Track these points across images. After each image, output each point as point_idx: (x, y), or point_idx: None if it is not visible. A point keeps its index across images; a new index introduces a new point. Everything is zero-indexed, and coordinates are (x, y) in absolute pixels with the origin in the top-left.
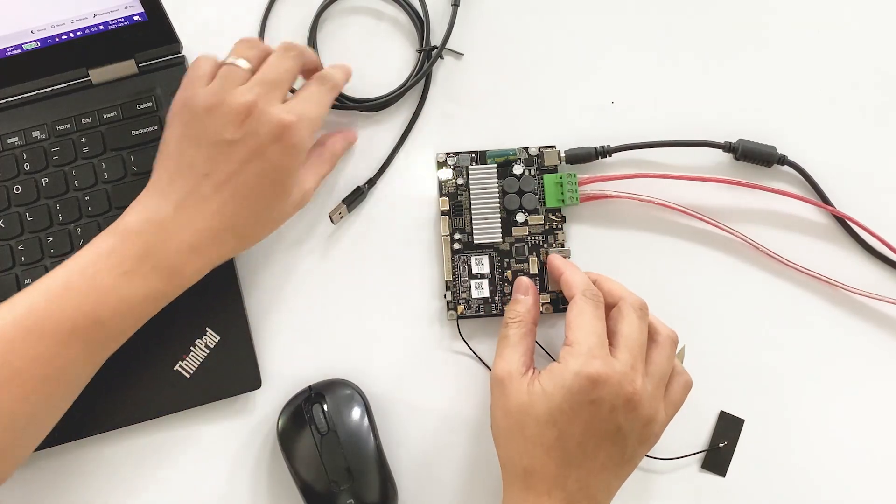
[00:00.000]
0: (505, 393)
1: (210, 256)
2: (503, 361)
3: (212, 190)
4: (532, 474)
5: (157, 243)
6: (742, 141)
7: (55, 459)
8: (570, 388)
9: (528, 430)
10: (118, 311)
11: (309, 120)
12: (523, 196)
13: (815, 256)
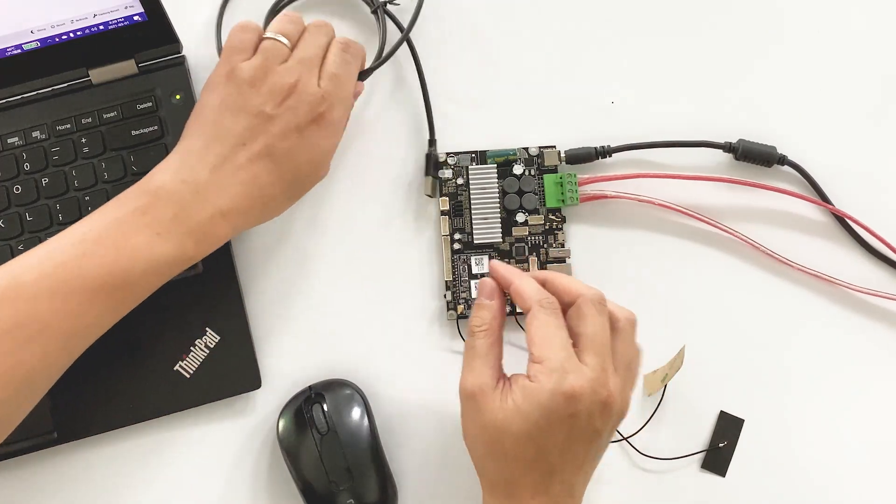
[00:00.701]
0: (478, 408)
1: (236, 225)
2: (473, 375)
3: (247, 159)
4: (514, 484)
5: (192, 205)
6: (742, 141)
7: (55, 459)
8: (547, 407)
9: (506, 446)
10: (147, 271)
11: (344, 99)
12: (523, 196)
13: (815, 255)
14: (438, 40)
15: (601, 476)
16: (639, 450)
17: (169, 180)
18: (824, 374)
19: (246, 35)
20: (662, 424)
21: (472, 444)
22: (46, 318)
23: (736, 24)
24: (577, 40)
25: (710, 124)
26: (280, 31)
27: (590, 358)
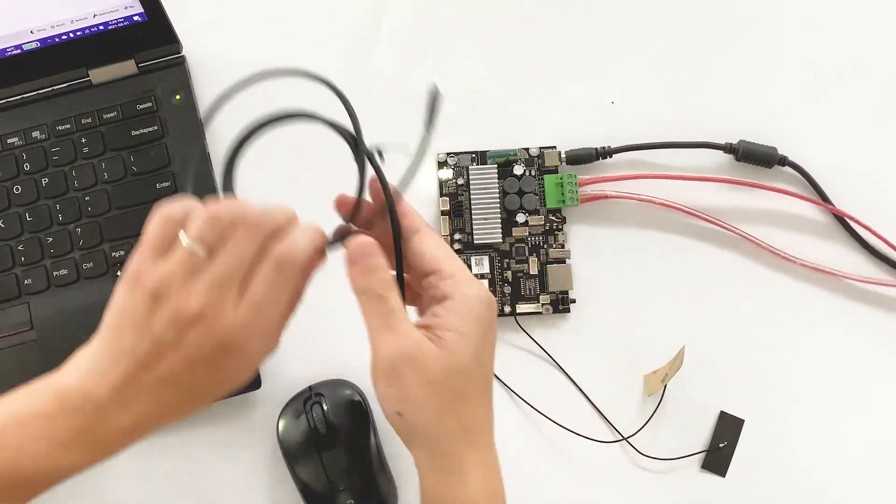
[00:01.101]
0: (420, 365)
1: (148, 433)
2: (401, 336)
3: (152, 384)
4: (471, 429)
5: (95, 422)
6: (743, 142)
7: None
8: (481, 317)
9: (459, 386)
10: (51, 475)
11: (267, 328)
12: (524, 196)
13: (816, 255)
14: (438, 41)
15: (601, 475)
16: (639, 450)
17: (75, 387)
18: (825, 375)
19: (166, 229)
20: (663, 424)
21: (420, 410)
22: None
23: (736, 25)
24: (577, 40)
25: (711, 125)
26: (198, 236)
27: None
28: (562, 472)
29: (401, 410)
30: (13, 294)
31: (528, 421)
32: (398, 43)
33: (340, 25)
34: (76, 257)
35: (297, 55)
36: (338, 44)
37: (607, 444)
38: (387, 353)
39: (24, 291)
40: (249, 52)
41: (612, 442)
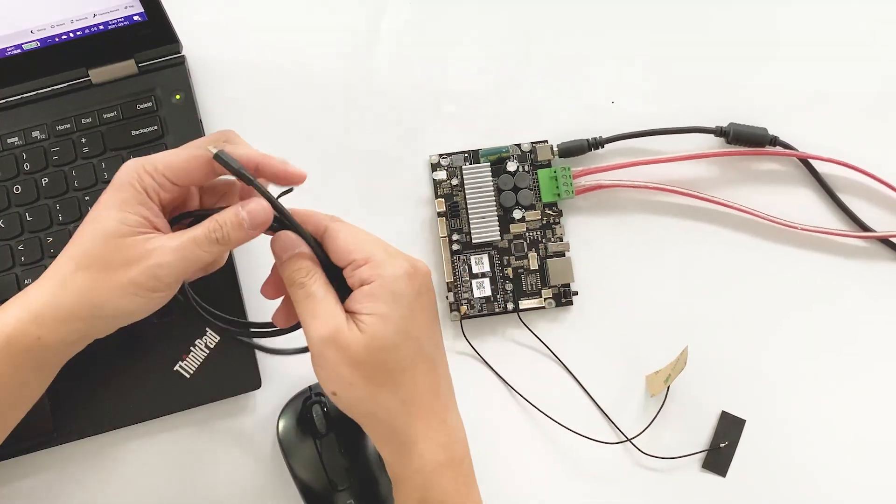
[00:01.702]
0: (342, 346)
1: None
2: (322, 320)
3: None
4: (411, 400)
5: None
6: (733, 124)
7: (55, 460)
8: (400, 294)
9: (388, 362)
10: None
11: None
12: (519, 192)
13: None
14: (438, 41)
15: (601, 474)
16: (640, 449)
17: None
18: (826, 376)
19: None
20: (663, 423)
21: (350, 391)
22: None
23: (737, 25)
24: (577, 40)
25: (701, 117)
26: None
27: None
28: (562, 470)
29: (334, 390)
30: (13, 294)
31: (529, 420)
32: (398, 43)
33: (340, 25)
34: None
35: (297, 55)
36: (338, 43)
37: (609, 445)
38: (312, 336)
39: None
40: (249, 51)
41: (615, 443)
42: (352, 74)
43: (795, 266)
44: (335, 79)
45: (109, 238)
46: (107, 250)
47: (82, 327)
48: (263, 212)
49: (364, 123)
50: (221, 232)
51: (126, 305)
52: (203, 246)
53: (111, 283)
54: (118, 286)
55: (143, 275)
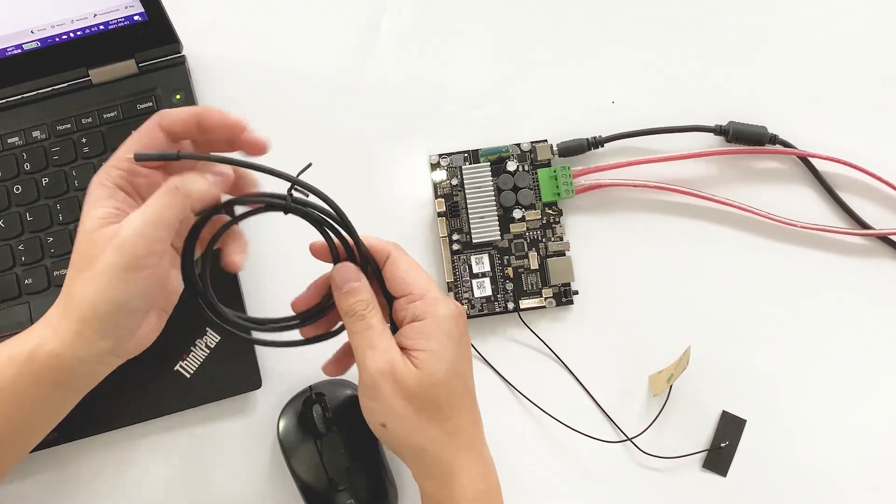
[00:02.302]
0: (398, 380)
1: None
2: (380, 352)
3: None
4: (457, 433)
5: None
6: (732, 123)
7: (55, 459)
8: (451, 334)
9: (439, 398)
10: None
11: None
12: (519, 192)
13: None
14: (438, 41)
15: (601, 473)
16: (641, 448)
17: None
18: (827, 376)
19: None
20: (664, 423)
21: (399, 423)
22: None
23: (737, 25)
24: (577, 39)
25: (701, 116)
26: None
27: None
28: (561, 469)
29: (384, 422)
30: (13, 294)
31: (531, 419)
32: (398, 43)
33: (340, 25)
34: None
35: (297, 55)
36: (338, 43)
37: (610, 444)
38: (369, 367)
39: (25, 291)
40: (250, 51)
41: (616, 442)
42: (352, 74)
43: (796, 264)
44: (335, 79)
45: (86, 235)
46: (86, 247)
47: (93, 336)
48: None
49: (364, 123)
50: (179, 178)
51: (113, 293)
52: (162, 201)
53: (95, 273)
54: (101, 273)
55: (115, 252)
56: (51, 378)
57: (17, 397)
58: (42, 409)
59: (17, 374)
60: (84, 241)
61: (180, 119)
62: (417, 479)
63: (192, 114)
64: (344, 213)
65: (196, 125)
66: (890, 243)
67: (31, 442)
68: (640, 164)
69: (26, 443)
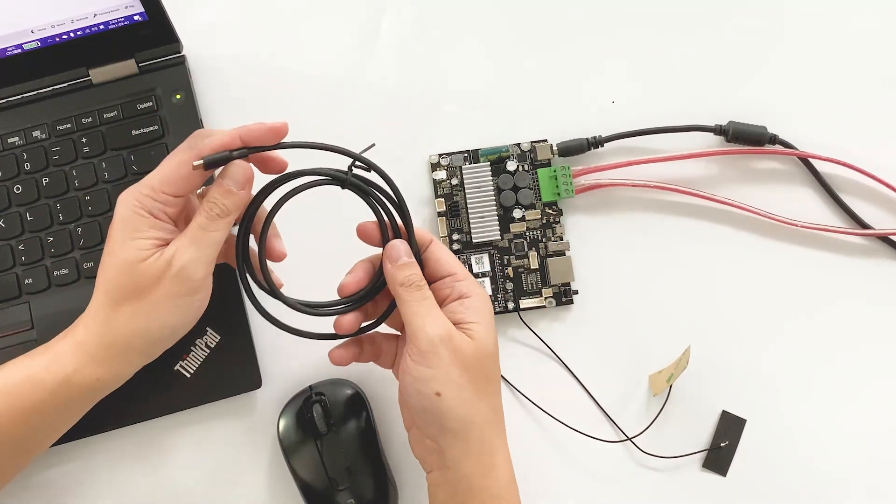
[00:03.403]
0: (456, 347)
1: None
2: (439, 321)
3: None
4: (497, 411)
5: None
6: (732, 122)
7: (55, 459)
8: (490, 312)
9: (489, 370)
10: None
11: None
12: (519, 192)
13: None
14: (438, 41)
15: (601, 473)
16: (641, 448)
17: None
18: (828, 376)
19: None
20: (664, 422)
21: (459, 391)
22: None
23: (737, 24)
24: (577, 39)
25: (700, 116)
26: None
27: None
28: (562, 469)
29: (440, 391)
30: (14, 293)
31: (530, 418)
32: (398, 43)
33: (341, 25)
34: (76, 257)
35: (297, 55)
36: (338, 43)
37: (610, 444)
38: (428, 334)
39: (25, 291)
40: (250, 51)
41: (616, 442)
42: (352, 74)
43: (795, 264)
44: (335, 78)
45: (132, 266)
46: (134, 278)
47: (137, 360)
48: (241, 169)
49: (364, 123)
50: (217, 206)
51: (172, 319)
52: (209, 227)
53: (150, 304)
54: (158, 304)
55: (174, 282)
56: (85, 399)
57: (45, 416)
58: (65, 425)
59: (50, 395)
60: (129, 273)
61: (220, 144)
62: (453, 458)
63: (233, 137)
64: (401, 194)
65: (237, 144)
66: (890, 243)
67: (41, 451)
68: (640, 164)
69: (39, 452)
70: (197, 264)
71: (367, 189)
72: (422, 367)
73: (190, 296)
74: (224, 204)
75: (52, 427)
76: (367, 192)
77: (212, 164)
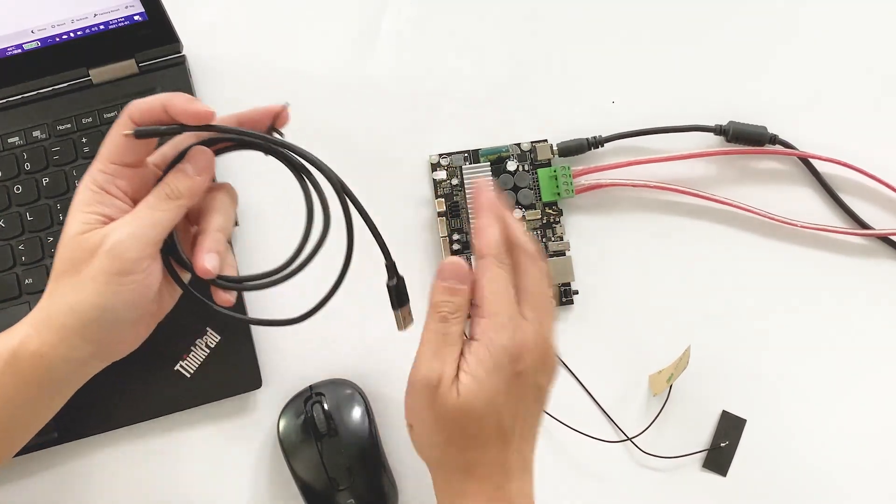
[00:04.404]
0: (437, 397)
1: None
2: (438, 362)
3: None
4: (474, 464)
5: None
6: (732, 122)
7: (55, 459)
8: (500, 366)
9: (468, 428)
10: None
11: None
12: (519, 192)
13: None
14: (439, 41)
15: (602, 473)
16: (641, 448)
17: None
18: (828, 376)
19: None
20: (664, 422)
21: (428, 434)
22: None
23: (737, 24)
24: (577, 39)
25: (700, 116)
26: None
27: (528, 312)
28: (562, 469)
29: (413, 424)
30: (14, 294)
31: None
32: (398, 42)
33: (340, 25)
34: None
35: (297, 55)
36: (338, 43)
37: (610, 444)
38: (419, 370)
39: (25, 291)
40: (250, 51)
41: (616, 442)
42: (352, 74)
43: (795, 264)
44: (335, 78)
45: (72, 239)
46: (71, 251)
47: (77, 341)
48: (203, 155)
49: (364, 123)
50: (169, 186)
51: (101, 299)
52: (156, 206)
53: (81, 280)
54: (88, 280)
55: (105, 258)
56: (34, 378)
57: (1, 395)
58: (26, 409)
59: (1, 371)
60: (69, 246)
61: (147, 108)
62: (434, 484)
63: (158, 101)
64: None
65: (164, 113)
66: (890, 243)
67: (14, 444)
68: (640, 164)
69: (10, 444)
70: (131, 241)
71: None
72: (407, 397)
73: (121, 276)
74: (176, 186)
75: (10, 404)
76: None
77: (143, 135)
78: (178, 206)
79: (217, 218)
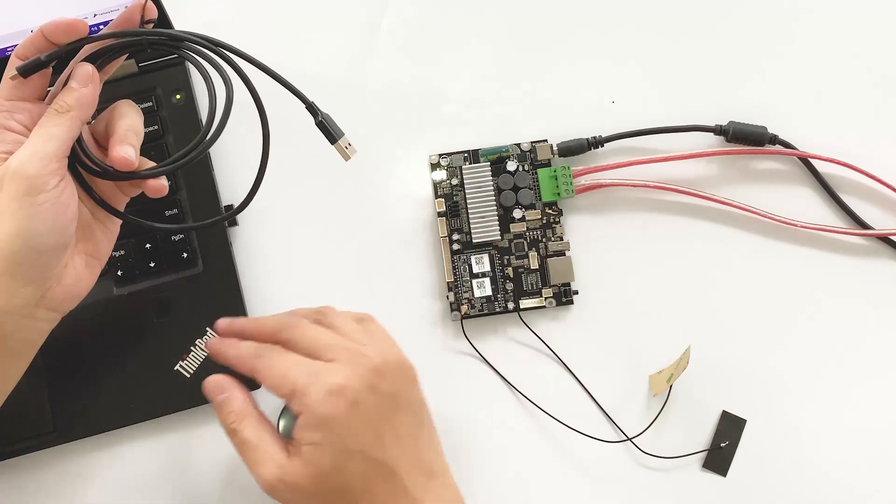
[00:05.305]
0: (290, 484)
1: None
2: (266, 465)
3: None
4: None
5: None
6: (732, 123)
7: (55, 459)
8: (328, 418)
9: (336, 486)
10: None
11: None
12: (519, 192)
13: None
14: (439, 41)
15: (602, 473)
16: (641, 448)
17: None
18: (829, 376)
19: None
20: (664, 423)
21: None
22: None
23: (737, 24)
24: (577, 39)
25: (700, 116)
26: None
27: (325, 352)
28: (562, 469)
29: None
30: None
31: (530, 418)
32: (398, 43)
33: (340, 25)
34: None
35: (298, 55)
36: (338, 43)
37: (610, 444)
38: (260, 482)
39: None
40: (250, 51)
41: (616, 442)
42: (352, 74)
43: (795, 264)
44: (335, 78)
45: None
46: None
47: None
48: (84, 69)
49: (364, 123)
50: (58, 102)
51: (17, 226)
52: (48, 123)
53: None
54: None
55: (11, 182)
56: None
57: None
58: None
59: None
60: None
61: (29, 43)
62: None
63: (38, 31)
64: (197, 35)
65: (44, 41)
66: (890, 243)
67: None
68: (640, 164)
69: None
70: (33, 159)
71: (170, 36)
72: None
73: (30, 196)
74: (63, 100)
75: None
76: (171, 41)
77: (28, 71)
78: (70, 119)
79: (123, 121)
